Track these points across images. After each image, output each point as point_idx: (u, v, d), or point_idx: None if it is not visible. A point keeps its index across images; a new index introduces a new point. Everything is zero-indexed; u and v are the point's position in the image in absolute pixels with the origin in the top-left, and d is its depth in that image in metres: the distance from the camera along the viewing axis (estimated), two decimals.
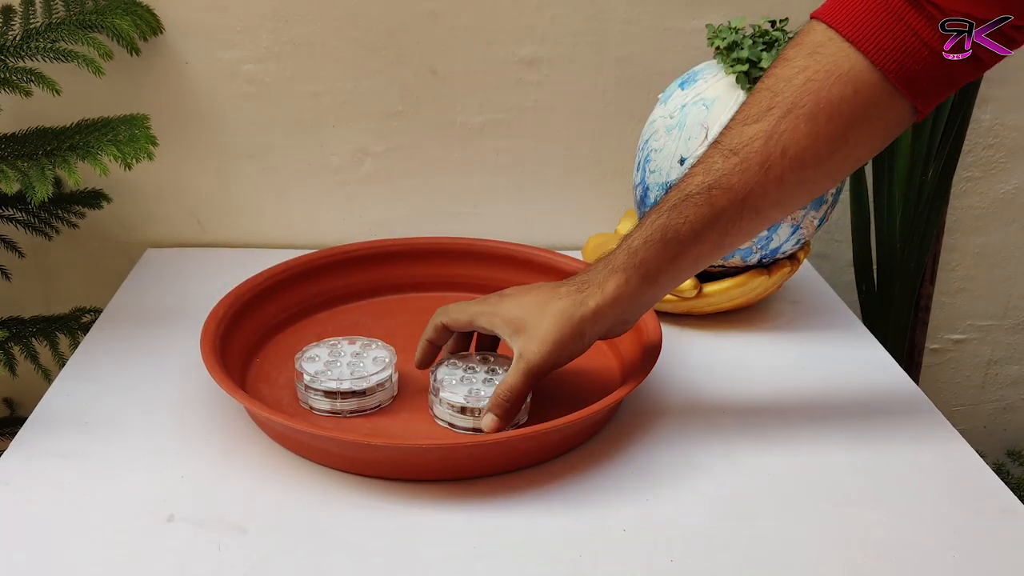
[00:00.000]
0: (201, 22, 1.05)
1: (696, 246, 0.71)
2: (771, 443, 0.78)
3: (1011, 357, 1.35)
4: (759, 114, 0.69)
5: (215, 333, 0.82)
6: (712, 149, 0.71)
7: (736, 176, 0.69)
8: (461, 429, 0.77)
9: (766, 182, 0.69)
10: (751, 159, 0.69)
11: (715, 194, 0.70)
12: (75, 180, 0.82)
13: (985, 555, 0.66)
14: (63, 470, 0.72)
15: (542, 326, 0.73)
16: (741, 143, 0.69)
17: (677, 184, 0.72)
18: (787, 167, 0.68)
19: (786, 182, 0.69)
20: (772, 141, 0.68)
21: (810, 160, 0.68)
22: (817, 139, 0.67)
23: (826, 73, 0.67)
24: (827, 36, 0.68)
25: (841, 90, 0.67)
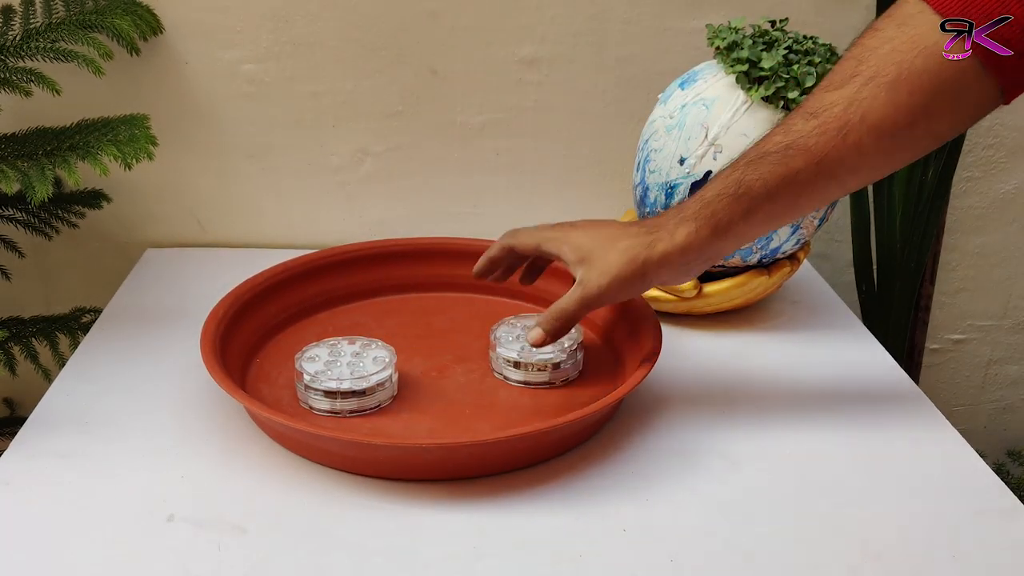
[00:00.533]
0: (201, 22, 1.05)
1: (768, 204, 0.71)
2: (771, 443, 0.78)
3: (1011, 357, 1.35)
4: (842, 80, 0.69)
5: (215, 333, 0.82)
6: (793, 112, 0.71)
7: (813, 139, 0.69)
8: (513, 382, 0.84)
9: (843, 147, 0.68)
10: (830, 123, 0.68)
11: (791, 154, 0.69)
12: (75, 180, 0.82)
13: (985, 555, 0.66)
14: (63, 470, 0.72)
15: (607, 259, 0.74)
16: (821, 107, 0.69)
17: (756, 143, 0.72)
18: (865, 133, 0.68)
19: (864, 149, 0.68)
20: (852, 107, 0.68)
21: (888, 129, 0.68)
22: (897, 109, 0.67)
23: (912, 44, 0.66)
24: (918, 8, 0.67)
25: (925, 62, 0.66)
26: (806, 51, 0.91)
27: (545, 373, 0.83)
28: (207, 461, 0.74)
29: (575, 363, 0.85)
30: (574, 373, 0.85)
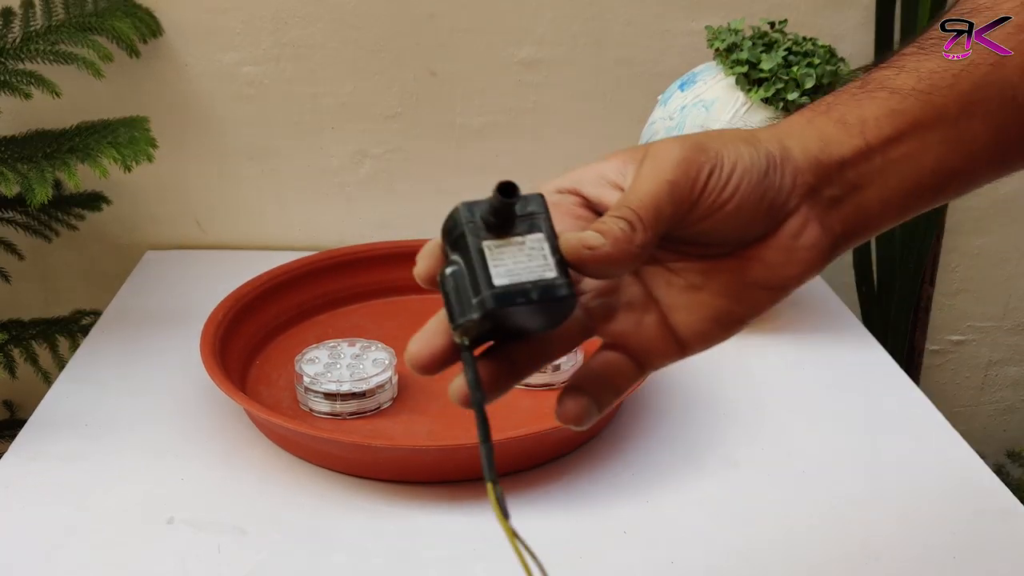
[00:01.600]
0: (201, 24, 1.05)
1: (926, 108, 0.46)
2: (771, 444, 0.78)
3: (1011, 358, 1.35)
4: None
5: (215, 335, 0.82)
6: (949, 12, 0.51)
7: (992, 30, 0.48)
8: (524, 384, 0.80)
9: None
10: (1013, 11, 0.49)
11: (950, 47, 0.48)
12: (75, 182, 0.82)
13: (985, 556, 0.66)
14: (63, 472, 0.72)
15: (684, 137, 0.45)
16: (988, 3, 0.50)
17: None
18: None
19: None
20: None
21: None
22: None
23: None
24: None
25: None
26: (806, 52, 0.91)
27: (545, 374, 0.83)
28: (207, 463, 0.74)
29: (575, 364, 0.85)
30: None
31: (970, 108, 0.45)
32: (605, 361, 0.45)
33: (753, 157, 0.43)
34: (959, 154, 0.46)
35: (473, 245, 0.40)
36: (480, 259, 0.39)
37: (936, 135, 0.45)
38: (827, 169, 0.44)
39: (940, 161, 0.45)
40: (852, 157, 0.45)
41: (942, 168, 0.46)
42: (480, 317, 0.39)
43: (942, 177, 0.46)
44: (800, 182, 0.44)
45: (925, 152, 0.45)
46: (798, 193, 0.44)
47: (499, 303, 0.38)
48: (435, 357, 0.44)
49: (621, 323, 0.45)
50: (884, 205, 0.46)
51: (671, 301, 0.45)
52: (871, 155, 0.45)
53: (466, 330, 0.40)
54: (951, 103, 0.45)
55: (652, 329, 0.45)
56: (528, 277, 0.39)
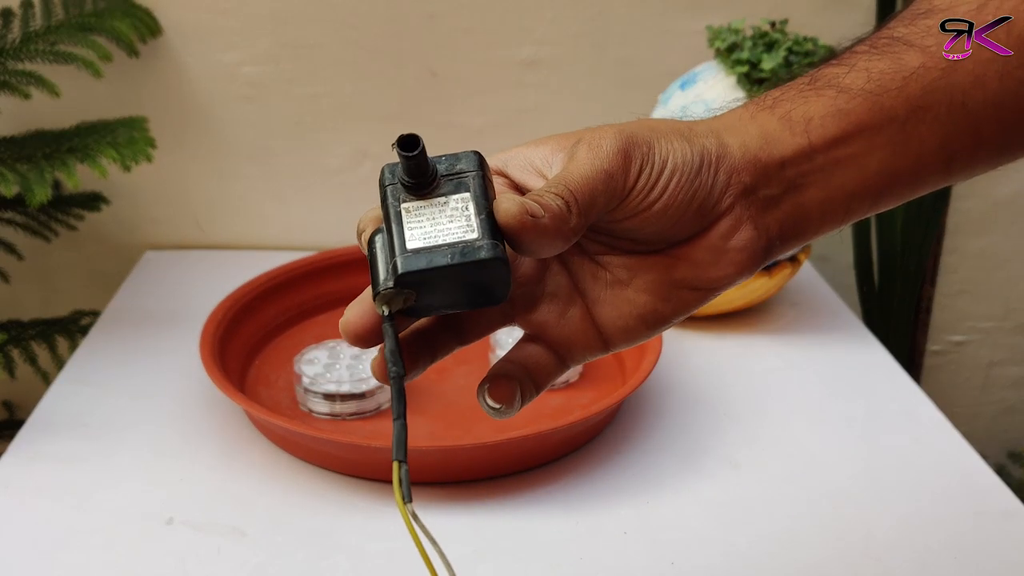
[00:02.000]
0: (200, 24, 1.05)
1: (872, 110, 0.44)
2: (772, 445, 0.78)
3: (1012, 359, 1.35)
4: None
5: (214, 335, 0.81)
6: (904, 12, 0.49)
7: (934, 37, 0.47)
8: None
9: (981, 58, 0.46)
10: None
11: (900, 49, 0.46)
12: (74, 182, 0.82)
13: (986, 556, 0.66)
14: (62, 473, 0.72)
15: (620, 127, 0.46)
16: (944, 4, 0.47)
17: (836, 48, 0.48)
18: (1014, 43, 0.47)
19: (1011, 71, 0.46)
20: (987, 7, 0.48)
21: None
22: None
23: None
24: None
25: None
26: (806, 52, 0.90)
27: None
28: (206, 464, 0.74)
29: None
30: (574, 375, 0.85)
31: (919, 112, 0.44)
32: (526, 353, 0.44)
33: (686, 155, 0.42)
34: (905, 158, 0.45)
35: (392, 208, 0.37)
36: (397, 222, 0.37)
37: (882, 138, 0.44)
38: (766, 168, 0.43)
39: (885, 164, 0.44)
40: (793, 156, 0.43)
41: (886, 171, 0.44)
42: (394, 284, 0.36)
43: (886, 180, 0.45)
44: (735, 181, 0.43)
45: (870, 154, 0.44)
46: (732, 192, 0.43)
47: (408, 267, 0.35)
48: (365, 327, 0.42)
49: (543, 313, 0.44)
50: (824, 206, 0.44)
51: (596, 295, 0.44)
52: (813, 155, 0.43)
53: (387, 299, 0.37)
54: (899, 105, 0.44)
55: (575, 322, 0.44)
56: (446, 239, 0.36)
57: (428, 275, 0.36)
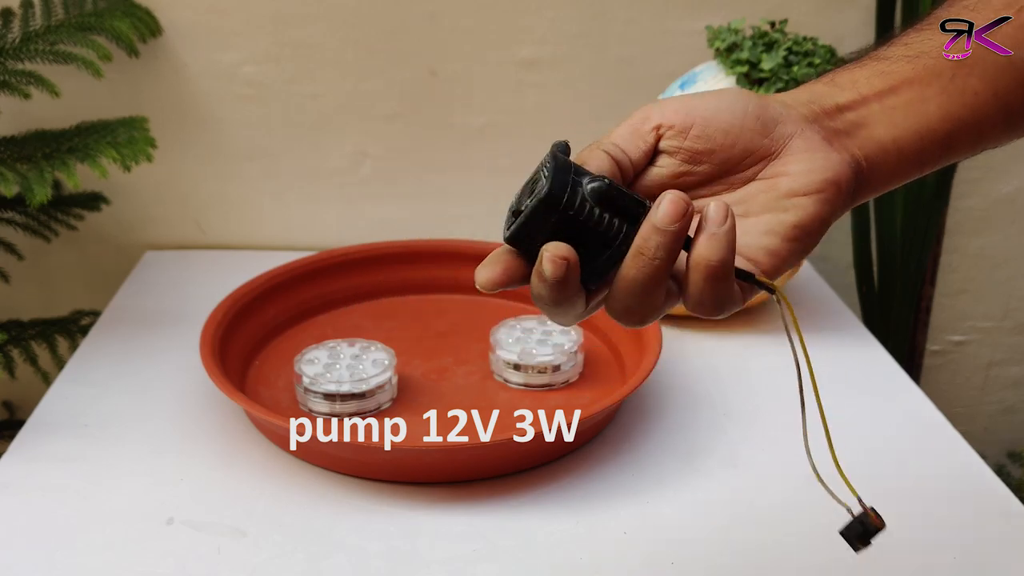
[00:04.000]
0: (200, 24, 1.05)
1: (916, 69, 0.48)
2: (771, 444, 0.78)
3: (1012, 359, 1.35)
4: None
5: (214, 335, 0.81)
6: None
7: (981, 6, 0.51)
8: (513, 384, 0.83)
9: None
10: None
11: (942, 18, 0.50)
12: (74, 182, 0.82)
13: (986, 557, 0.66)
14: (62, 473, 0.72)
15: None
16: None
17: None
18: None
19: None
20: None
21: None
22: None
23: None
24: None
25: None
26: (806, 52, 0.90)
27: (545, 375, 0.83)
28: (206, 464, 0.74)
29: (575, 365, 0.85)
30: (574, 375, 0.85)
31: (964, 68, 0.47)
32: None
33: (733, 97, 0.46)
34: (962, 106, 0.47)
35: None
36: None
37: (933, 89, 0.47)
38: (822, 110, 0.46)
39: (943, 109, 0.47)
40: (848, 103, 0.47)
41: (947, 116, 0.47)
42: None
43: (948, 124, 0.47)
44: (794, 112, 0.46)
45: (926, 101, 0.47)
46: (794, 119, 0.46)
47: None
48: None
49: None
50: (899, 142, 0.47)
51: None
52: (867, 102, 0.47)
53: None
54: (942, 64, 0.47)
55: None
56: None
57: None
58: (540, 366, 0.83)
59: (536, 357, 0.83)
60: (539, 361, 0.83)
